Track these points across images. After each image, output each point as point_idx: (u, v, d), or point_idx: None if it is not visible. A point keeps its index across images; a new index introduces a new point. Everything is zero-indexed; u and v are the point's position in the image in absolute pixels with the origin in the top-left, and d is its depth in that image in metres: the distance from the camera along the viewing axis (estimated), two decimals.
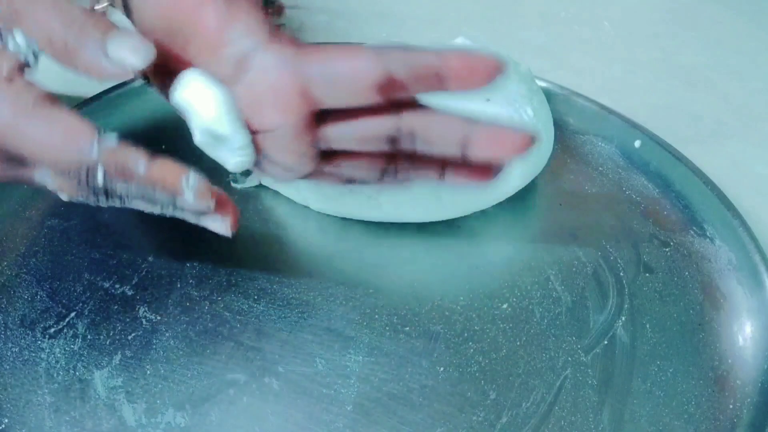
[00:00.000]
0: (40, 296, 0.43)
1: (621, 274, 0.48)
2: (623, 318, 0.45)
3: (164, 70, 0.38)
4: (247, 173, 0.51)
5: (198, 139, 0.38)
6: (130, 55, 0.35)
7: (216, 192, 0.38)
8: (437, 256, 0.48)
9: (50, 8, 0.36)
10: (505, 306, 0.45)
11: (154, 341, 0.42)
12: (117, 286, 0.44)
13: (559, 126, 0.54)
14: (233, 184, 0.51)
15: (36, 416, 0.38)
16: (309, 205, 0.50)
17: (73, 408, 0.39)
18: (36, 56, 0.36)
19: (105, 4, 0.42)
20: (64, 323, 0.42)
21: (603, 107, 0.57)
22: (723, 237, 0.49)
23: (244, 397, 0.40)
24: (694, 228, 0.51)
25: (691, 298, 0.47)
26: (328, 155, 0.40)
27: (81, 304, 0.43)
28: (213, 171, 0.51)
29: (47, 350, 0.41)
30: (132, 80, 0.54)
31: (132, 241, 0.46)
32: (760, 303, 0.45)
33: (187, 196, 0.36)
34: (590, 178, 0.54)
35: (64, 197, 0.38)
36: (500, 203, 0.50)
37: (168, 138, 0.53)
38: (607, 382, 0.42)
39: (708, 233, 0.50)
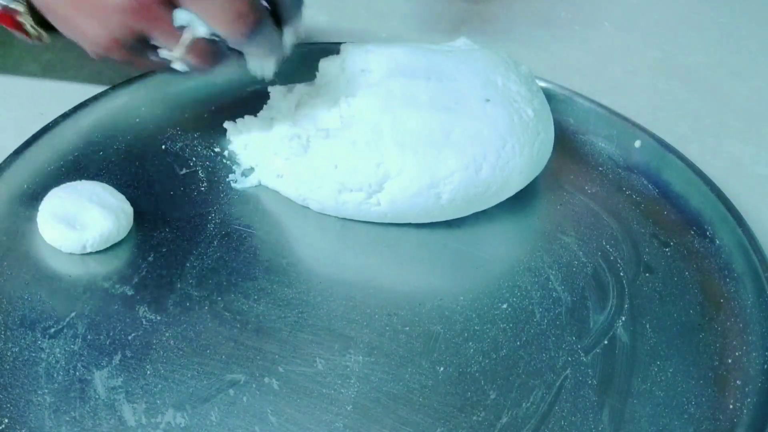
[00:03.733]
0: (40, 296, 0.43)
1: (621, 274, 0.48)
2: (623, 318, 0.45)
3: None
4: (247, 173, 0.51)
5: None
6: None
7: None
8: (437, 256, 0.48)
9: None
10: (505, 306, 0.45)
11: (154, 341, 0.42)
12: (117, 286, 0.44)
13: (559, 126, 0.54)
14: (233, 185, 0.51)
15: (36, 416, 0.38)
16: (309, 206, 0.50)
17: (73, 408, 0.39)
18: None
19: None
20: (64, 323, 0.42)
21: (603, 107, 0.57)
22: (723, 237, 0.49)
23: (244, 397, 0.40)
24: (694, 228, 0.51)
25: (691, 298, 0.47)
26: None
27: (81, 304, 0.43)
28: (212, 170, 0.51)
29: (47, 350, 0.41)
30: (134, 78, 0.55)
31: (132, 241, 0.46)
32: (760, 303, 0.45)
33: None
34: (590, 178, 0.54)
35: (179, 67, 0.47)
36: (500, 203, 0.50)
37: (168, 137, 0.53)
38: (607, 382, 0.42)
39: (708, 233, 0.50)
